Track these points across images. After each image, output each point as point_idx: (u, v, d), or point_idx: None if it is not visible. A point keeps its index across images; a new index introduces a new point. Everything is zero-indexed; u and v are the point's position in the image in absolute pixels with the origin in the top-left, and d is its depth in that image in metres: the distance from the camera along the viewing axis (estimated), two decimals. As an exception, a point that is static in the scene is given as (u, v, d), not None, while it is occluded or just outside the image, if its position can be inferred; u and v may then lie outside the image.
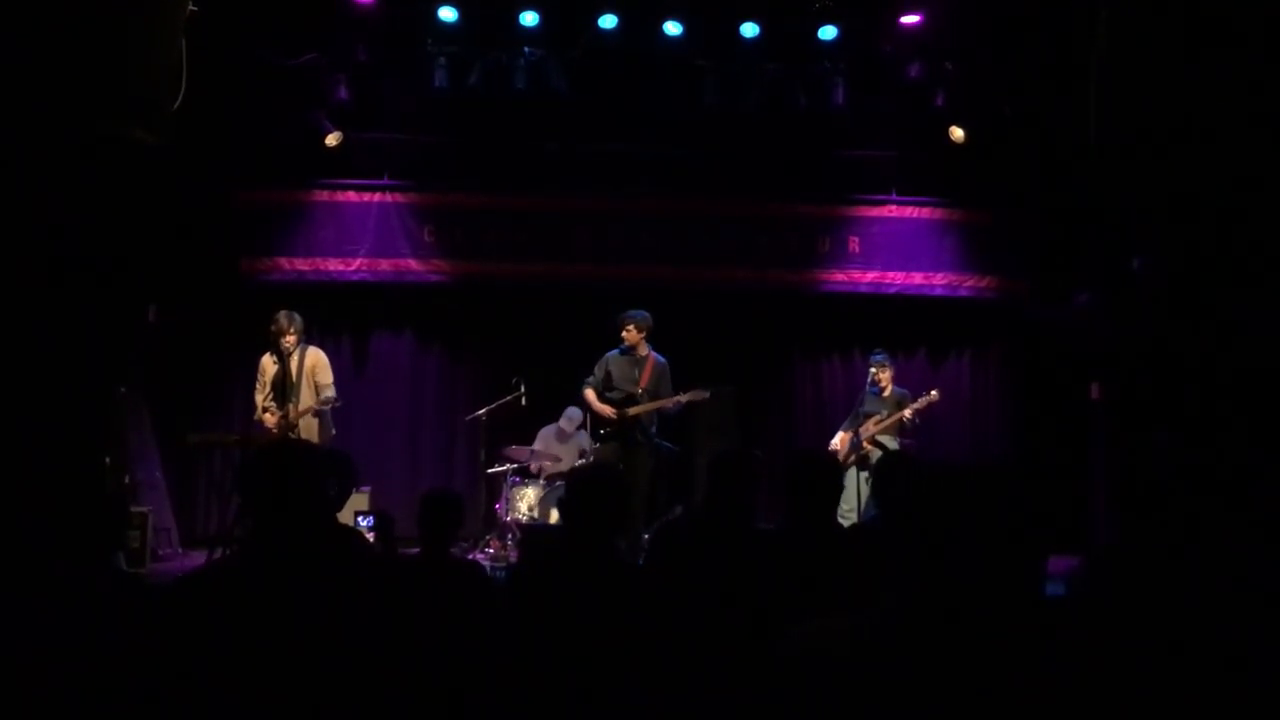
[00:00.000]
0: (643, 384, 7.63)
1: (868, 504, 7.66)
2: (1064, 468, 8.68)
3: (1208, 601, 2.66)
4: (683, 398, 7.68)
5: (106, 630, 2.85)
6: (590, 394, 7.77)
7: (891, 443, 8.17)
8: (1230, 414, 5.61)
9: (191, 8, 6.42)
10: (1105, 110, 6.60)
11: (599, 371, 7.78)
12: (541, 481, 8.42)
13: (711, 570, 3.56)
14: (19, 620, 2.85)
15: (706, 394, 7.77)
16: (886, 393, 8.28)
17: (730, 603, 3.34)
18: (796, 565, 3.45)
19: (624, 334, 7.71)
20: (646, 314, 7.75)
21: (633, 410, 7.57)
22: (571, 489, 3.23)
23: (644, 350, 7.73)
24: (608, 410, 7.63)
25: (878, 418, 8.19)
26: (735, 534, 3.79)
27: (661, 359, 7.79)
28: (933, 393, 8.22)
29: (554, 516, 8.06)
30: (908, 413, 8.14)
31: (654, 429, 7.76)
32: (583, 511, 3.10)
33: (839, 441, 8.33)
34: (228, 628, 2.38)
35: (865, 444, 8.12)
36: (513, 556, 7.85)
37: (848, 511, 7.56)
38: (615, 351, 7.80)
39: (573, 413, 8.52)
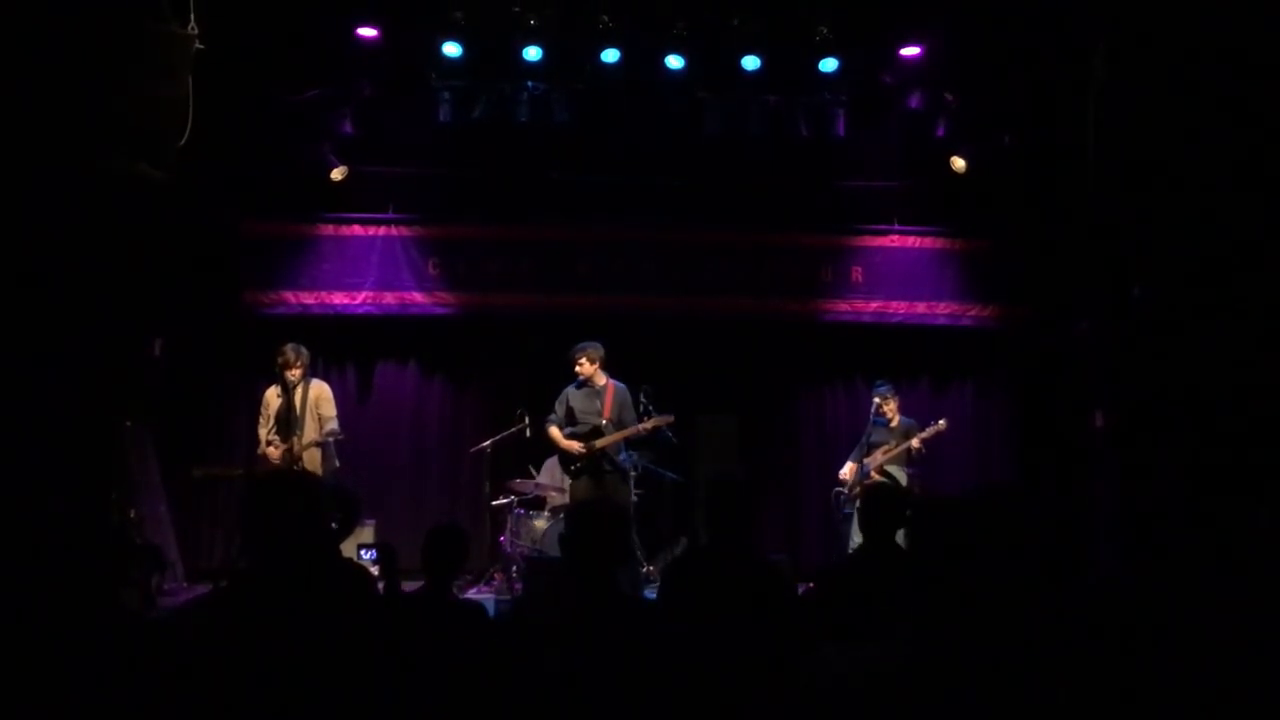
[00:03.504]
0: (606, 414, 7.60)
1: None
2: (1067, 496, 8.65)
3: (1210, 629, 2.66)
4: (647, 424, 7.65)
5: (109, 669, 2.85)
6: (554, 431, 7.73)
7: (899, 473, 8.17)
8: (1233, 440, 5.60)
9: (198, 45, 6.47)
10: (1104, 139, 6.63)
11: (559, 408, 7.76)
12: (546, 514, 8.40)
13: (722, 603, 3.56)
14: (22, 656, 2.85)
15: (670, 418, 7.75)
16: (894, 423, 8.29)
17: (742, 635, 3.34)
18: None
19: (577, 367, 7.68)
20: (598, 344, 7.73)
21: (600, 442, 7.54)
22: (572, 523, 3.22)
23: (601, 380, 7.70)
24: (575, 446, 7.59)
25: (886, 448, 8.20)
26: (743, 564, 3.78)
27: (621, 385, 7.75)
28: (940, 422, 8.23)
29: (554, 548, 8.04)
30: (915, 442, 8.14)
31: (621, 456, 7.72)
32: (583, 545, 3.09)
33: (847, 471, 8.32)
34: (220, 661, 2.38)
35: (873, 473, 8.12)
36: (517, 589, 7.82)
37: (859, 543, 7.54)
38: (572, 386, 7.77)
39: (551, 464, 8.54)
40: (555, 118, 8.95)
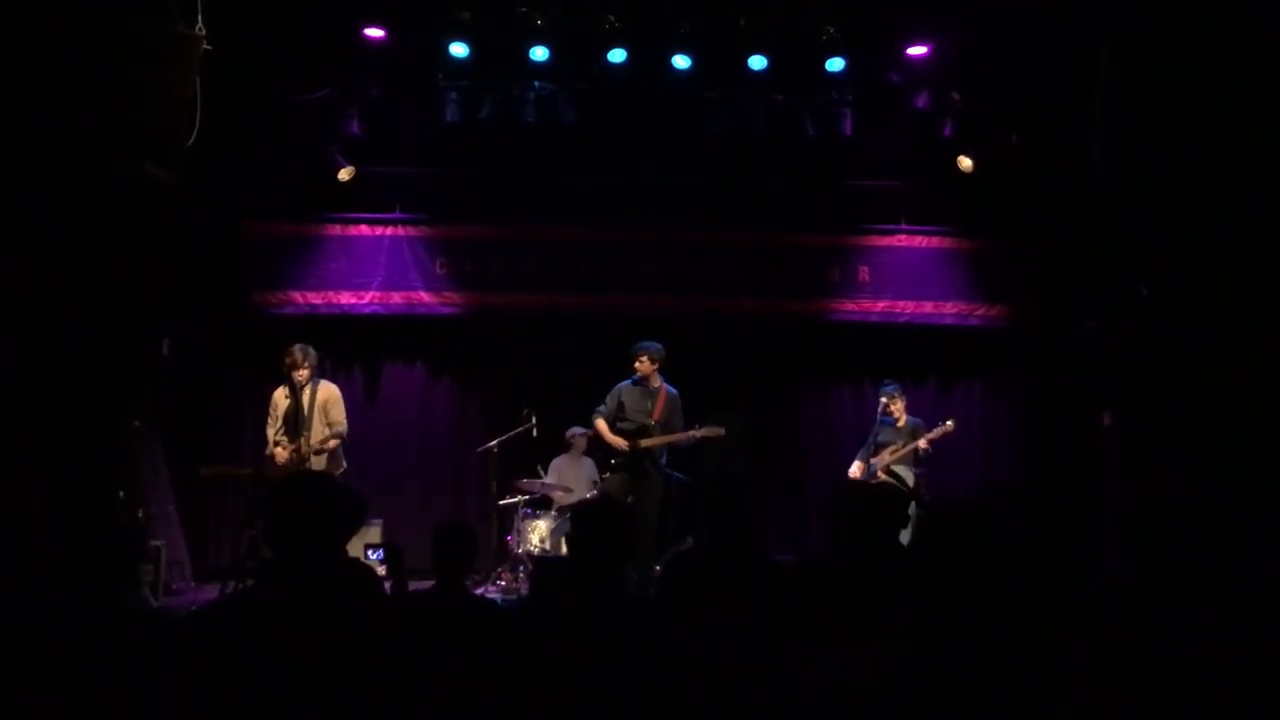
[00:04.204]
0: (655, 416, 7.62)
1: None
2: (1075, 496, 8.64)
3: (1219, 629, 2.66)
4: (697, 433, 7.67)
5: (118, 665, 2.86)
6: (601, 424, 7.77)
7: (907, 473, 8.15)
8: (1241, 440, 5.58)
9: (205, 46, 6.49)
10: (1111, 138, 6.62)
11: (611, 402, 7.78)
12: (553, 513, 8.41)
13: (722, 601, 3.56)
14: (31, 656, 2.86)
15: (721, 431, 7.76)
16: (901, 423, 8.27)
17: (743, 634, 3.34)
18: (819, 596, 3.46)
19: (636, 365, 7.71)
20: (660, 346, 7.75)
21: (646, 442, 7.56)
22: (578, 522, 3.22)
23: (656, 382, 7.73)
24: (620, 442, 7.61)
25: (893, 447, 8.18)
26: (745, 563, 3.79)
27: (673, 390, 7.78)
28: (948, 422, 8.20)
29: (564, 548, 8.04)
30: (922, 443, 8.12)
31: (663, 459, 7.75)
32: (590, 544, 3.09)
33: (855, 471, 8.30)
34: (245, 660, 2.39)
35: (880, 473, 8.11)
36: (524, 589, 7.83)
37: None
38: (627, 382, 7.80)
39: (577, 429, 8.56)
40: (562, 118, 8.97)
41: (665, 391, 7.73)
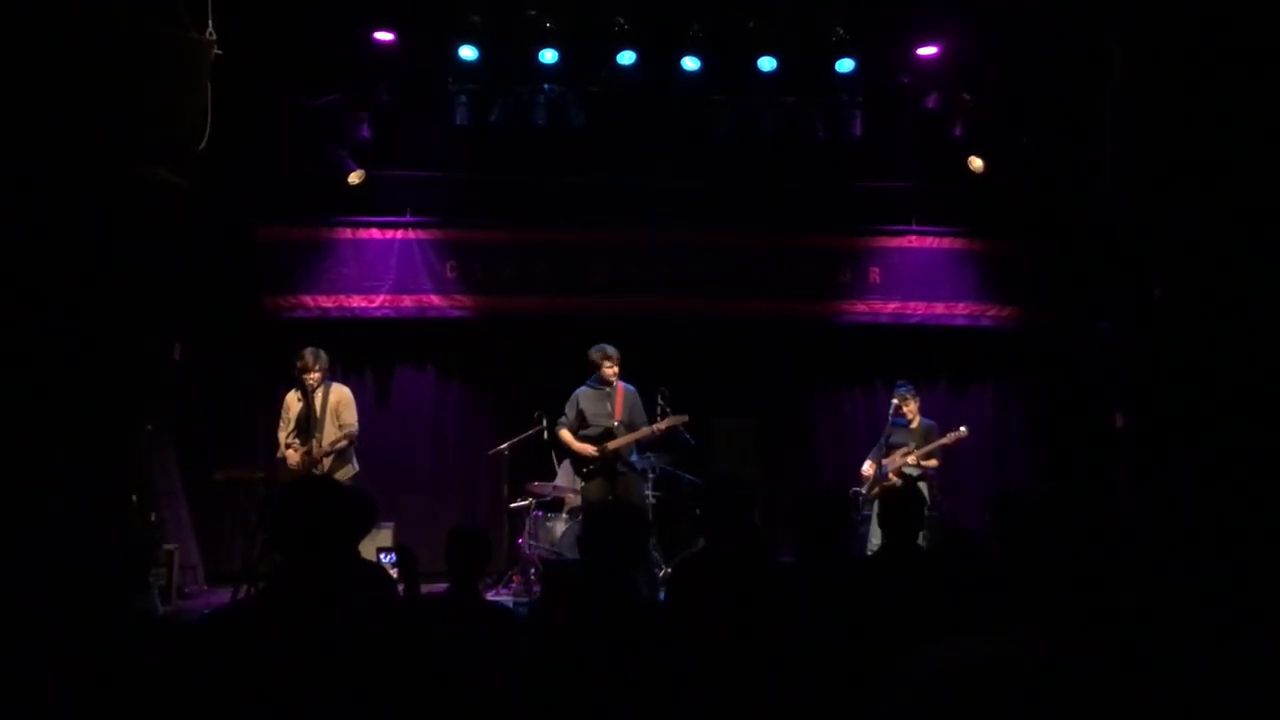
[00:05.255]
0: (617, 416, 7.58)
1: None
2: (1089, 498, 8.61)
3: (1232, 629, 2.64)
4: (660, 425, 7.63)
5: (129, 670, 2.86)
6: (566, 434, 7.69)
7: (917, 474, 8.12)
8: (1254, 441, 5.56)
9: (217, 51, 6.51)
10: (1122, 138, 6.60)
11: (570, 411, 7.71)
12: (564, 516, 8.40)
13: (728, 604, 3.56)
14: (41, 660, 2.88)
15: (685, 418, 7.74)
16: (914, 424, 8.24)
17: (747, 636, 3.33)
18: (812, 598, 3.46)
19: (604, 368, 7.64)
20: (613, 347, 7.73)
21: (613, 444, 7.51)
22: (589, 525, 3.23)
23: (613, 382, 7.69)
24: (588, 449, 7.55)
25: (905, 450, 8.15)
26: (750, 566, 3.78)
27: (630, 387, 7.72)
28: (962, 429, 8.15)
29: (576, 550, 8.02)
30: (912, 459, 8.05)
31: (633, 456, 7.71)
32: (601, 547, 3.10)
33: (867, 471, 8.28)
34: (259, 664, 2.40)
35: (891, 475, 8.08)
36: (536, 591, 7.83)
37: (877, 545, 7.51)
38: (584, 387, 7.73)
39: (568, 466, 8.54)
40: (571, 120, 8.98)
41: (622, 389, 7.67)
